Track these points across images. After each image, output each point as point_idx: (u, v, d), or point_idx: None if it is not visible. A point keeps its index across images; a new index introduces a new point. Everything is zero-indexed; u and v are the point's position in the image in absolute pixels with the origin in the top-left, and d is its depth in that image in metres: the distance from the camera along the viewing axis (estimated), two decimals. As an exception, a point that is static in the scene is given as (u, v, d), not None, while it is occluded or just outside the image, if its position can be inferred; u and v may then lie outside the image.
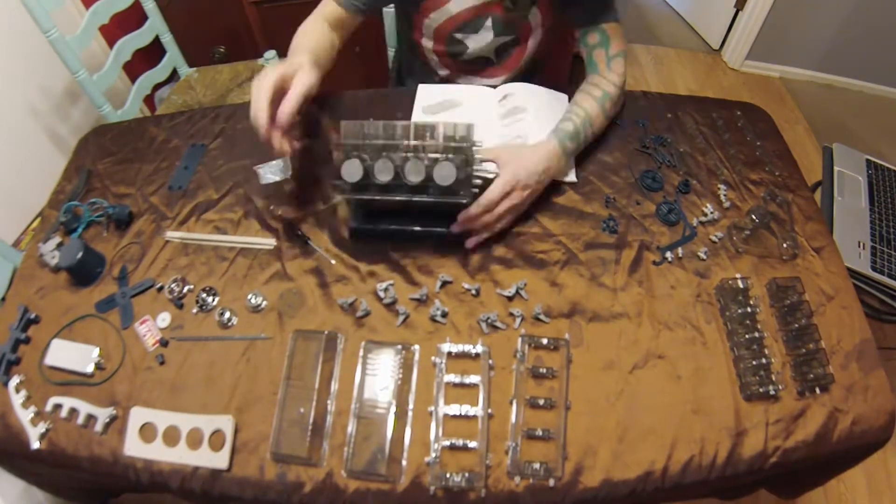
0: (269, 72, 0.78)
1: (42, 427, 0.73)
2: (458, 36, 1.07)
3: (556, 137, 0.89)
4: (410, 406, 0.72)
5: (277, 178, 0.86)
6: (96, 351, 0.78)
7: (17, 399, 0.74)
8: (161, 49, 1.65)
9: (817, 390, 0.74)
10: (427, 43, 1.10)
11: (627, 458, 0.69)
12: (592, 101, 0.95)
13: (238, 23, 1.82)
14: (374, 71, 1.24)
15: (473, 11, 1.03)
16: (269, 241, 0.88)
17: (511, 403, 0.72)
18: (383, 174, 0.76)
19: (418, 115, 1.04)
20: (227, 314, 0.80)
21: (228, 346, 0.78)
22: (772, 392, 0.73)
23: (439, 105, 1.05)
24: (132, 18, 1.52)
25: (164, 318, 0.80)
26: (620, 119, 1.06)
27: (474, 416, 0.71)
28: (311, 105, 0.88)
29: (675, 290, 0.83)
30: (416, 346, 0.77)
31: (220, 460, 0.69)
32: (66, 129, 1.81)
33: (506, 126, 1.01)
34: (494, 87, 1.08)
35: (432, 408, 0.72)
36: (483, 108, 1.05)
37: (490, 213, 0.82)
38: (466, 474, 0.67)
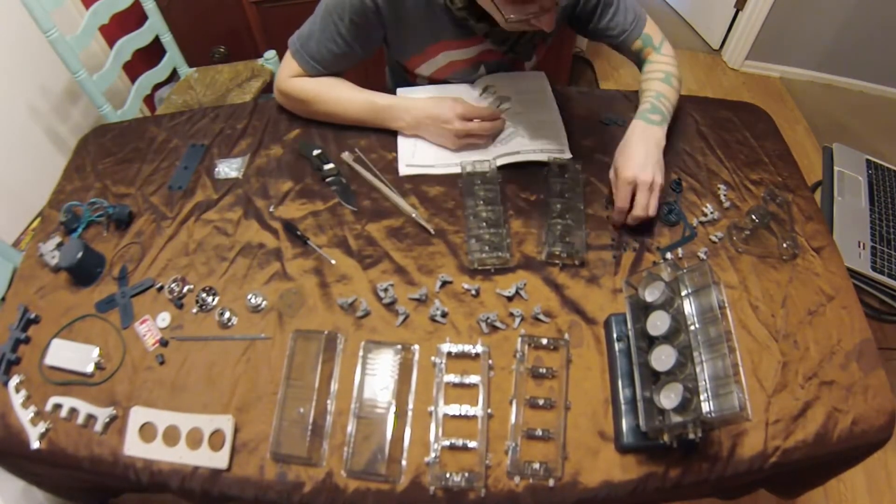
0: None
1: (42, 427, 0.73)
2: (452, 79, 1.07)
3: (637, 118, 0.93)
4: (410, 406, 0.72)
5: (233, 175, 0.96)
6: (96, 351, 0.78)
7: (17, 399, 0.74)
8: (161, 49, 1.65)
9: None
10: (422, 82, 1.10)
11: (627, 458, 0.69)
12: (658, 82, 0.98)
13: (238, 23, 1.82)
14: (373, 71, 1.24)
15: (467, 62, 1.03)
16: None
17: (511, 403, 0.72)
18: None
19: None
20: (227, 314, 0.80)
21: (228, 346, 0.78)
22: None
23: None
24: (132, 18, 1.52)
25: (164, 318, 0.80)
26: (621, 119, 1.06)
27: (474, 416, 0.71)
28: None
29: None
30: (416, 346, 0.77)
31: (219, 460, 0.69)
32: (66, 129, 1.81)
33: None
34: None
35: (432, 408, 0.72)
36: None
37: (632, 211, 0.86)
38: (466, 474, 0.67)
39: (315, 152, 0.97)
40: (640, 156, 0.86)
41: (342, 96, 0.99)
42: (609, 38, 1.02)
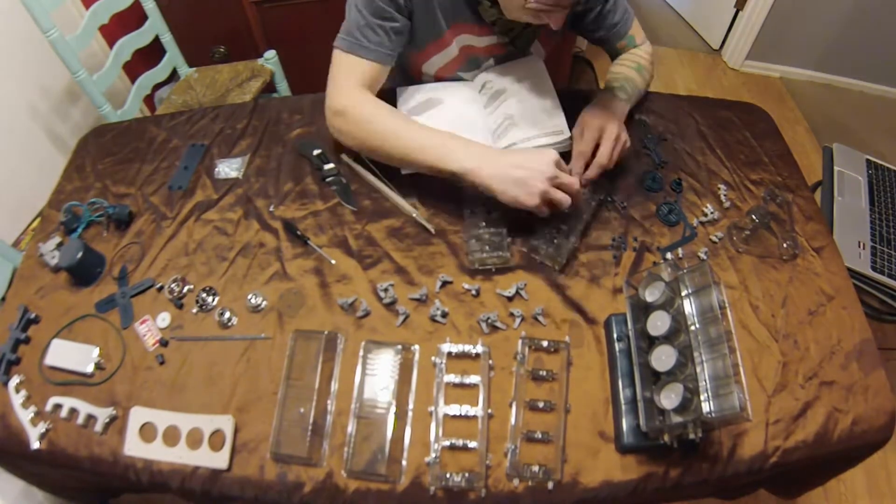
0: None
1: (42, 427, 0.73)
2: (461, 74, 1.07)
3: (605, 91, 0.99)
4: (410, 406, 0.72)
5: (233, 175, 0.97)
6: (96, 351, 0.78)
7: (17, 399, 0.74)
8: (161, 49, 1.65)
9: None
10: (427, 79, 1.09)
11: (628, 458, 0.69)
12: (630, 70, 1.03)
13: (238, 23, 1.82)
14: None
15: (481, 51, 1.02)
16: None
17: (511, 406, 0.72)
18: None
19: None
20: (227, 314, 0.80)
21: (228, 346, 0.78)
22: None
23: (422, 105, 1.05)
24: (132, 18, 1.52)
25: (164, 318, 0.80)
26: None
27: (474, 417, 0.71)
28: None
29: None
30: (416, 346, 0.77)
31: (220, 460, 0.69)
32: (66, 129, 1.81)
33: (490, 114, 1.01)
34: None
35: (432, 408, 0.72)
36: (465, 101, 1.05)
37: (595, 158, 0.89)
38: (466, 474, 0.67)
39: (315, 152, 0.97)
40: (607, 112, 0.92)
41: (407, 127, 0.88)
42: (598, 32, 1.04)
